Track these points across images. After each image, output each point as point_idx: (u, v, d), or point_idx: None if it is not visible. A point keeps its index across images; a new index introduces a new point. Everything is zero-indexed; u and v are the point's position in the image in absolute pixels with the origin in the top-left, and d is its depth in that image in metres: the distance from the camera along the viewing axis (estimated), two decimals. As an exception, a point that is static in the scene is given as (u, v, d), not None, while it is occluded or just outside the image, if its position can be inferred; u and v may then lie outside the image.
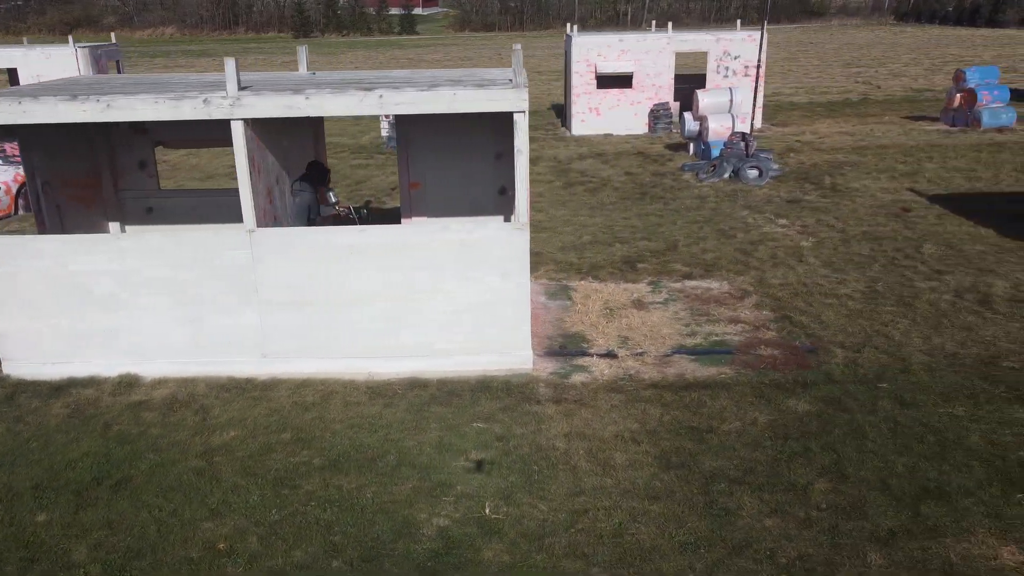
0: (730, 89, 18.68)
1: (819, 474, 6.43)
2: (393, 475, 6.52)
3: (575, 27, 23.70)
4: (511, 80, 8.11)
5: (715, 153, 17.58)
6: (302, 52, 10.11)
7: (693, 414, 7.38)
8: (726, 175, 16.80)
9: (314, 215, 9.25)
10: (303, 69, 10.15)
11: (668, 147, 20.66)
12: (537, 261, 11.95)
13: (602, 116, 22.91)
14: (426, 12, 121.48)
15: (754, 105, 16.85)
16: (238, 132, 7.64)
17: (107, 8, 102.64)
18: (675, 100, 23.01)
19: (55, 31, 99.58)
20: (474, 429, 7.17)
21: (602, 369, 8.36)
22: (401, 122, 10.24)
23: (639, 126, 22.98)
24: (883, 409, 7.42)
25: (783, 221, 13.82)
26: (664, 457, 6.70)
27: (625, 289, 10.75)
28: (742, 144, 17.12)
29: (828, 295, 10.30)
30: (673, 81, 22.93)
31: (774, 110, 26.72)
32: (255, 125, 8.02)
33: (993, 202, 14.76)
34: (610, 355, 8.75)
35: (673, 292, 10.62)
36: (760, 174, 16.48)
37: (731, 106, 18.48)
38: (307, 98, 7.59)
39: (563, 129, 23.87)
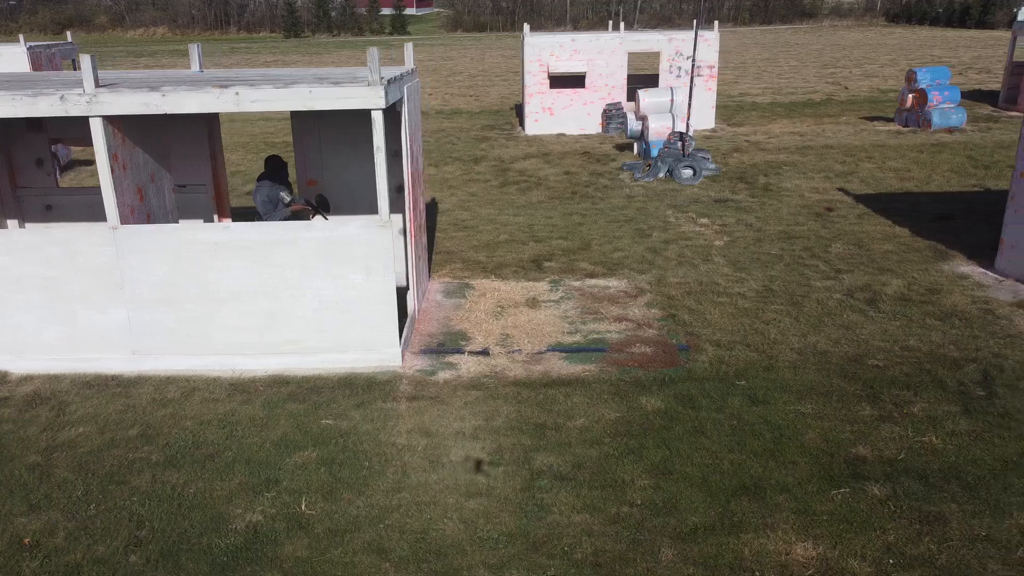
0: (671, 89, 18.71)
1: (645, 471, 6.45)
2: (225, 471, 6.55)
3: (527, 27, 23.69)
4: (388, 78, 8.14)
5: (655, 153, 17.60)
6: (194, 49, 10.14)
7: (543, 411, 7.41)
8: (661, 175, 16.81)
9: (281, 208, 9.39)
10: (196, 67, 10.17)
11: (617, 147, 20.68)
12: (446, 260, 11.98)
13: (555, 116, 22.93)
14: (420, 12, 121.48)
15: (689, 105, 16.85)
16: (96, 129, 7.67)
17: (99, 8, 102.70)
18: (629, 100, 23.02)
19: (47, 30, 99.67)
20: (321, 426, 7.19)
21: (470, 367, 8.38)
22: (296, 118, 10.27)
23: (592, 126, 23.00)
24: (731, 407, 7.44)
25: (704, 220, 13.84)
26: (498, 453, 6.72)
27: (524, 288, 10.77)
28: (679, 144, 17.13)
29: (721, 294, 10.31)
30: (626, 81, 22.92)
31: (734, 110, 26.75)
32: (122, 123, 8.05)
33: (919, 202, 14.78)
34: (483, 353, 8.78)
35: (570, 291, 10.64)
36: (694, 174, 16.50)
37: (672, 106, 18.49)
38: (163, 95, 7.62)
39: (519, 129, 23.88)
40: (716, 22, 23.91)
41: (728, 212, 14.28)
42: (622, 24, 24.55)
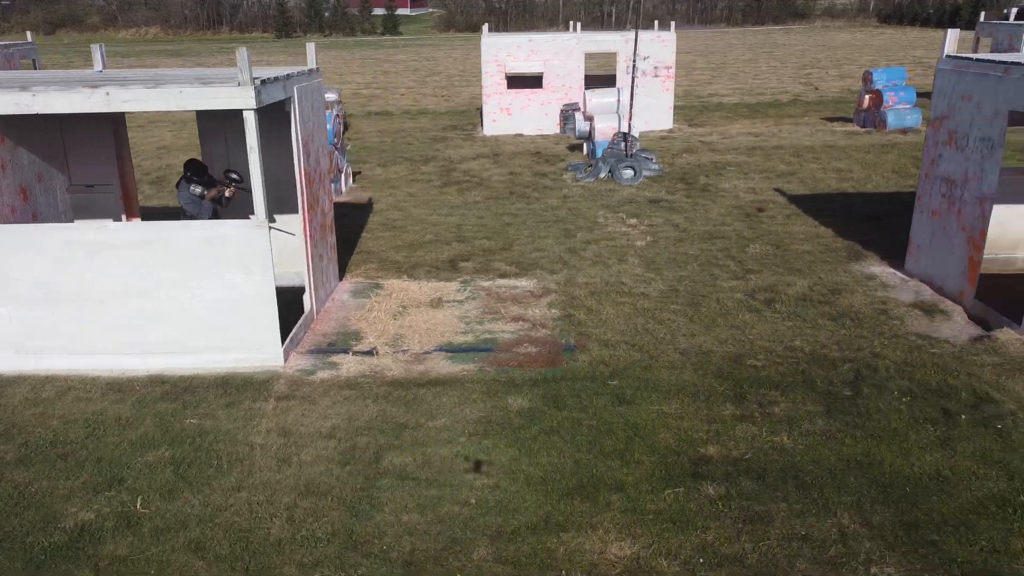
0: (618, 90, 18.72)
1: (494, 469, 6.47)
2: (74, 469, 6.58)
3: (485, 27, 23.72)
4: (267, 78, 8.17)
5: (600, 153, 17.63)
6: (96, 50, 10.17)
7: (408, 411, 7.43)
8: (602, 175, 16.84)
9: (204, 208, 9.46)
10: (99, 67, 10.20)
11: (570, 147, 20.71)
12: (365, 260, 12.01)
13: (513, 116, 22.96)
14: (414, 12, 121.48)
15: (631, 106, 16.87)
16: (-31, 130, 7.69)
17: (91, 8, 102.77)
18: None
19: (39, 30, 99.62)
20: (183, 425, 7.22)
21: (351, 367, 8.41)
22: (202, 119, 10.30)
23: (550, 126, 23.02)
24: (595, 406, 7.47)
25: (633, 221, 13.86)
26: (348, 453, 6.75)
27: (433, 288, 10.80)
28: (622, 144, 17.16)
29: (625, 294, 10.34)
30: (583, 81, 22.94)
31: (699, 110, 26.79)
32: (1, 123, 8.08)
33: (853, 203, 14.80)
34: (370, 353, 8.81)
35: (478, 291, 10.67)
36: (635, 174, 16.52)
37: (619, 106, 18.51)
38: (34, 95, 7.66)
39: (480, 129, 23.91)
40: (672, 24, 23.94)
41: (659, 213, 14.30)
42: (578, 25, 24.55)
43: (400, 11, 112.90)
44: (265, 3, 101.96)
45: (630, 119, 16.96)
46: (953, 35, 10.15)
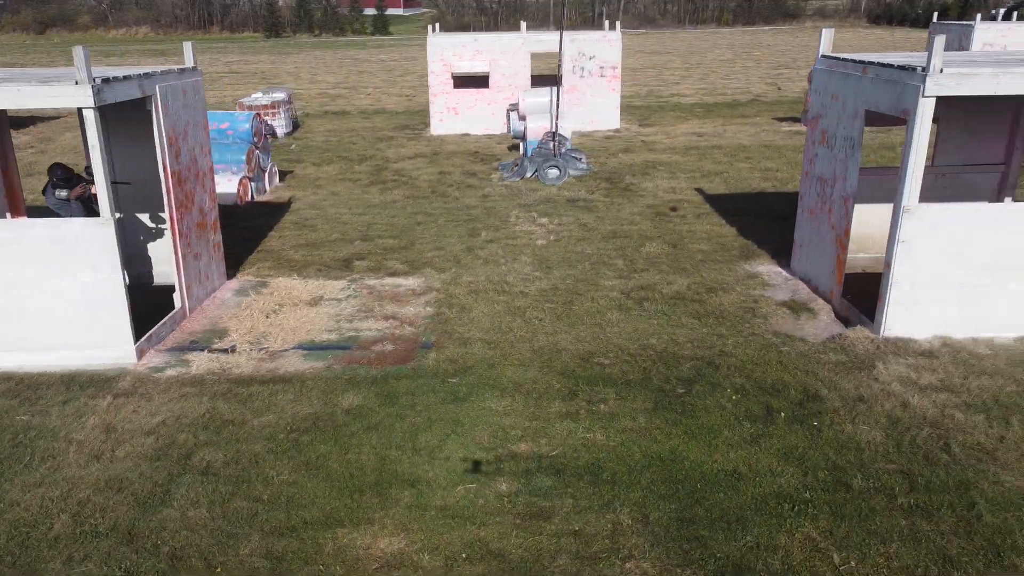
0: (551, 89, 18.77)
1: (294, 466, 6.53)
2: None
3: (437, 26, 23.77)
4: (118, 76, 8.23)
5: (531, 153, 17.68)
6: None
7: (239, 408, 7.49)
8: (528, 174, 16.89)
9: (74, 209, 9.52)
10: None
11: (511, 147, 20.75)
12: (262, 259, 12.07)
13: (460, 116, 23.01)
14: (407, 13, 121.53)
15: (557, 106, 16.92)
16: None
17: (82, 7, 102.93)
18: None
19: (29, 30, 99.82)
20: (13, 422, 7.28)
21: (202, 364, 8.47)
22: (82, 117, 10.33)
23: (498, 126, 23.07)
24: (425, 404, 7.53)
25: (543, 220, 13.92)
26: (163, 449, 6.81)
27: (317, 286, 10.86)
28: (551, 144, 17.21)
29: (504, 292, 10.39)
30: (530, 81, 22.98)
31: (654, 110, 26.83)
32: None
33: (768, 202, 14.84)
34: (228, 350, 8.86)
35: (361, 289, 10.73)
36: (560, 173, 16.56)
37: (551, 106, 18.55)
38: None
39: (429, 129, 23.95)
40: (618, 23, 23.98)
41: (572, 212, 14.35)
42: (522, 25, 24.58)
43: (393, 11, 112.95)
44: (256, 3, 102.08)
45: (556, 119, 16.99)
46: (828, 34, 10.18)
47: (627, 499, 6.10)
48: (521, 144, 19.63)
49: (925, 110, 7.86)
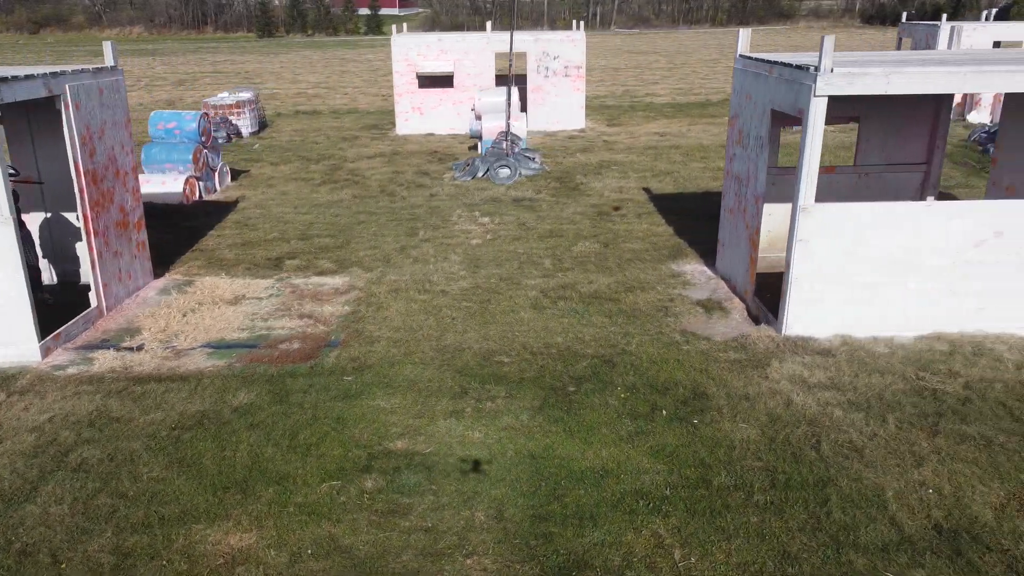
0: (507, 89, 18.80)
1: (167, 463, 6.59)
2: None
3: (405, 26, 23.80)
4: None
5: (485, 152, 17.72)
6: None
7: (130, 405, 7.54)
8: (480, 174, 16.93)
9: None
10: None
11: (471, 147, 20.78)
12: (194, 257, 12.12)
13: (425, 115, 23.06)
14: (403, 13, 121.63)
15: (508, 105, 16.96)
16: None
17: (76, 7, 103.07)
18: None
19: (23, 29, 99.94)
20: (-99, 418, 7.32)
21: (105, 362, 8.52)
22: (6, 118, 10.41)
23: (462, 125, 23.11)
24: (314, 401, 7.58)
25: (485, 220, 13.96)
26: (43, 447, 6.85)
27: (242, 285, 10.90)
28: (504, 143, 17.25)
29: (425, 291, 10.43)
30: (494, 80, 23.03)
31: (625, 110, 26.87)
32: None
33: (712, 201, 14.84)
34: (136, 349, 8.91)
35: (285, 288, 10.78)
36: (511, 173, 16.60)
37: (510, 106, 18.58)
38: None
39: (395, 128, 24.00)
40: (581, 23, 24.01)
41: (515, 211, 14.39)
42: (487, 25, 24.62)
43: (389, 11, 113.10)
44: (250, 3, 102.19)
45: (508, 118, 17.03)
46: (745, 34, 10.21)
47: (488, 496, 6.13)
48: (479, 144, 19.68)
49: (817, 109, 7.90)
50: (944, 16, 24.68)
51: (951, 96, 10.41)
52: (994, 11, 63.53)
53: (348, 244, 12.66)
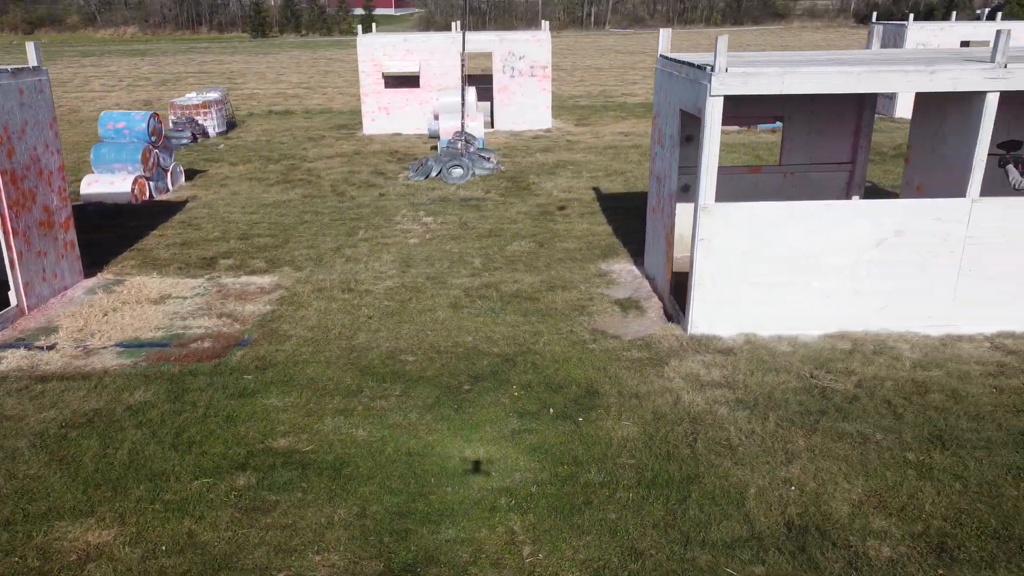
0: (462, 89, 18.85)
1: (55, 460, 6.64)
2: None
3: (374, 26, 23.84)
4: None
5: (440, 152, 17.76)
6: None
7: (26, 404, 7.60)
8: (434, 174, 16.98)
9: None
10: None
11: (434, 147, 20.82)
12: (131, 257, 12.18)
13: (392, 115, 23.11)
14: (398, 13, 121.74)
15: (463, 104, 17.00)
16: None
17: (71, 7, 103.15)
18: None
19: (18, 30, 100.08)
20: None
21: (13, 361, 8.58)
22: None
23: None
24: (209, 400, 7.64)
25: (428, 219, 14.01)
26: (-73, 444, 6.89)
27: (170, 284, 10.96)
28: (458, 143, 17.30)
29: (350, 291, 10.48)
30: (460, 80, 23.03)
31: (597, 110, 26.90)
32: None
33: (659, 201, 14.86)
34: (48, 348, 8.96)
35: (212, 287, 10.83)
36: (464, 173, 16.64)
37: (464, 106, 18.63)
38: None
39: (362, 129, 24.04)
40: (547, 23, 24.05)
41: (460, 211, 14.44)
42: (453, 25, 24.64)
43: (385, 12, 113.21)
44: (245, 3, 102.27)
45: (463, 118, 17.08)
46: (665, 34, 10.25)
47: (355, 493, 6.18)
48: (438, 143, 19.73)
49: (713, 109, 7.94)
50: (911, 16, 24.70)
51: (874, 96, 10.45)
52: (987, 11, 63.24)
53: (286, 244, 12.71)
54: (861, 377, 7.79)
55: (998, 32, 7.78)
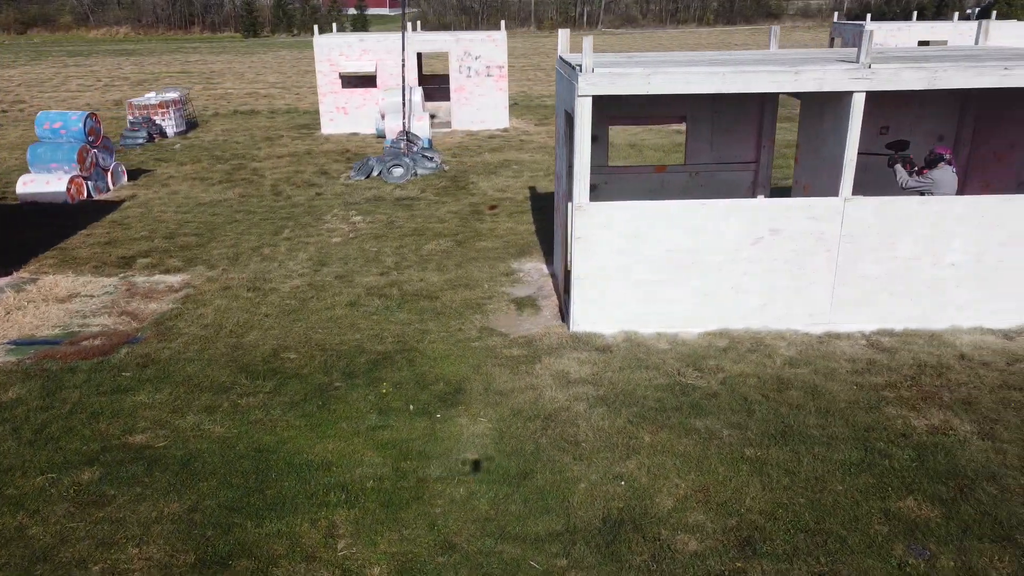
0: (410, 88, 18.94)
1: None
2: None
3: (334, 26, 23.93)
4: None
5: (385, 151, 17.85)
6: None
7: (-101, 400, 7.68)
8: (375, 173, 17.07)
9: None
10: None
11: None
12: (52, 256, 12.31)
13: (350, 115, 23.19)
14: (393, 13, 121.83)
15: (404, 104, 17.09)
16: None
17: (64, 7, 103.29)
18: (430, 100, 23.33)
19: (10, 30, 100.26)
20: None
21: (-99, 358, 8.65)
22: None
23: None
24: (81, 395, 7.76)
25: (357, 219, 14.11)
26: None
27: (81, 283, 11.07)
28: (402, 143, 17.39)
29: (254, 290, 10.58)
30: (418, 80, 23.15)
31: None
32: None
33: (591, 201, 14.93)
34: (-60, 345, 9.04)
35: (122, 286, 10.94)
36: (404, 172, 16.73)
37: (409, 106, 18.72)
38: None
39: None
40: (504, 22, 24.12)
41: (391, 210, 14.53)
42: (415, 25, 24.74)
43: (379, 11, 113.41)
44: (238, 3, 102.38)
45: (404, 117, 17.17)
46: (564, 35, 10.33)
47: (194, 488, 6.28)
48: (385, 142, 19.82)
49: (582, 109, 8.02)
50: (868, 16, 24.76)
51: (775, 96, 10.53)
52: (977, 10, 63.13)
53: (208, 243, 12.81)
54: (728, 374, 7.87)
55: (863, 32, 7.87)
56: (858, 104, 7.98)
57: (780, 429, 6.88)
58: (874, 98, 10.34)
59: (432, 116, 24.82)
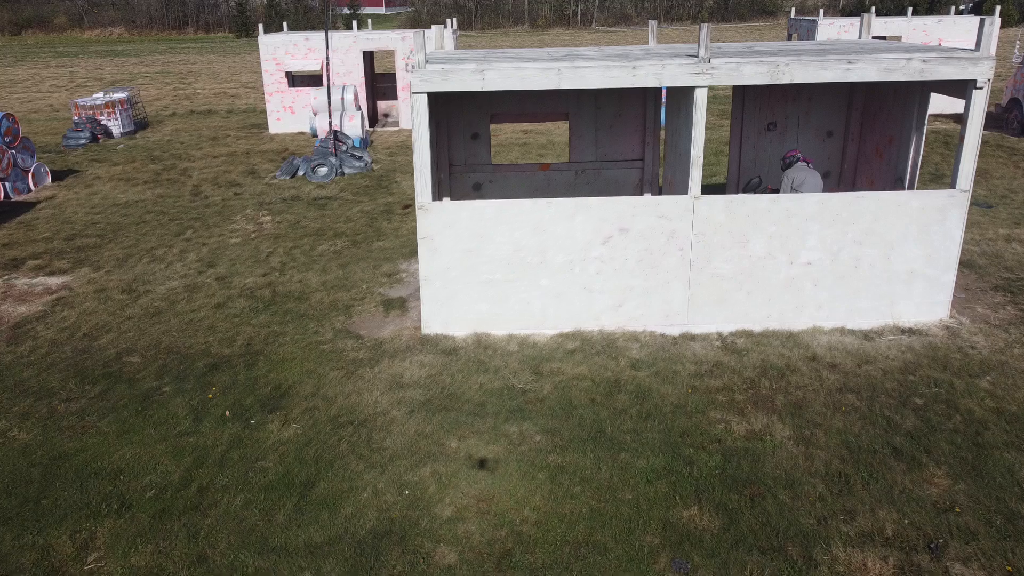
0: (342, 87, 18.77)
1: None
2: None
3: (285, 25, 23.77)
4: None
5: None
6: None
7: None
8: (301, 172, 16.90)
9: None
10: None
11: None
12: (-56, 258, 12.11)
13: (297, 114, 23.03)
14: (389, 12, 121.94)
15: (329, 103, 16.92)
16: None
17: (58, 8, 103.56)
18: (381, 99, 23.20)
19: (4, 31, 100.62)
20: None
21: None
22: None
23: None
24: None
25: (266, 219, 13.95)
26: None
27: (-39, 285, 10.88)
28: (330, 142, 17.22)
29: (128, 292, 10.42)
30: (368, 79, 23.00)
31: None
32: None
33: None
34: None
35: (0, 288, 10.76)
36: (329, 172, 16.57)
37: (342, 104, 18.55)
38: None
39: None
40: (454, 20, 23.89)
41: (303, 210, 14.37)
42: (355, 24, 24.53)
43: (375, 11, 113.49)
44: (230, 3, 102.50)
45: (329, 116, 17.00)
46: (437, 30, 10.12)
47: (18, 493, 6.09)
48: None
49: (417, 106, 7.82)
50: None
51: (657, 92, 10.32)
52: (969, 5, 62.70)
53: (107, 245, 12.66)
54: (564, 378, 7.67)
55: (700, 26, 7.64)
56: (701, 99, 7.76)
57: (593, 434, 6.68)
58: (761, 93, 10.14)
59: (386, 115, 24.69)
